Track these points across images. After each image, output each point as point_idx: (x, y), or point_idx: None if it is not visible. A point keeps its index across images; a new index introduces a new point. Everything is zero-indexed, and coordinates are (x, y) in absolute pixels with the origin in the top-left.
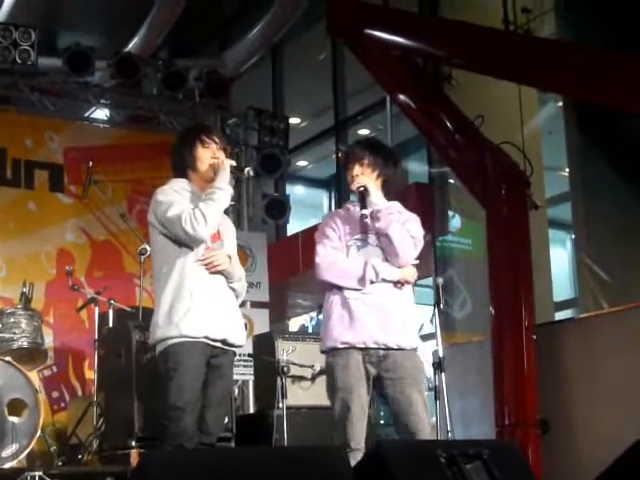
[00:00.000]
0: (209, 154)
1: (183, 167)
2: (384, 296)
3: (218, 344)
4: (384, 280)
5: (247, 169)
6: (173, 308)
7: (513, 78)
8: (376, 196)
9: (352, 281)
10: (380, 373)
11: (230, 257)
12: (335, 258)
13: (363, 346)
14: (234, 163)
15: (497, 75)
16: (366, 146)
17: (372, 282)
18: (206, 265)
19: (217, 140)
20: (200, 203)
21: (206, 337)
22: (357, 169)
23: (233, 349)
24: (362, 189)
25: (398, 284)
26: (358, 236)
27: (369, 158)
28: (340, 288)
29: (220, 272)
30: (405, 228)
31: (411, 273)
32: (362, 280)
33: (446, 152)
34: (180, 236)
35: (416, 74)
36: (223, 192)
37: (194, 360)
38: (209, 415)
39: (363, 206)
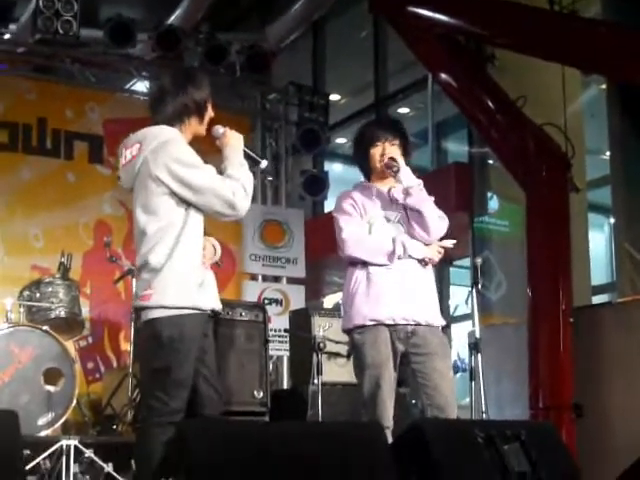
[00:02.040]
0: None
1: (187, 111)
2: (410, 272)
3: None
4: (410, 257)
5: (264, 161)
6: (188, 277)
7: (557, 59)
8: (406, 171)
9: (381, 257)
10: (408, 349)
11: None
12: (361, 234)
13: (391, 322)
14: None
15: (540, 56)
16: (397, 129)
17: (399, 258)
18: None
19: None
20: (241, 174)
21: (212, 310)
22: (389, 148)
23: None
24: (392, 160)
25: (423, 262)
26: (379, 213)
27: (399, 140)
28: (365, 264)
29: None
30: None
31: (435, 252)
32: (391, 255)
33: (487, 132)
34: (214, 207)
35: (458, 53)
36: (246, 167)
37: (196, 333)
38: (216, 382)
39: (393, 175)
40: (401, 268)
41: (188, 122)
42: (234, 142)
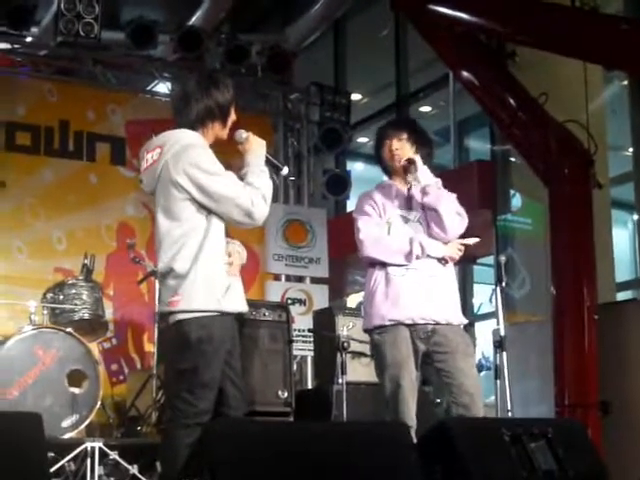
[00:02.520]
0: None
1: (210, 115)
2: (429, 272)
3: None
4: (429, 256)
5: (285, 168)
6: (215, 282)
7: (578, 56)
8: (423, 170)
9: (398, 257)
10: (430, 348)
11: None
12: (379, 234)
13: (411, 322)
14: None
15: (562, 52)
16: (404, 123)
17: (417, 258)
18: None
19: None
20: (262, 182)
21: (239, 312)
22: (396, 143)
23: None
24: (409, 161)
25: (442, 260)
26: (398, 212)
27: (407, 134)
28: (384, 265)
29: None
30: (452, 202)
31: (455, 250)
32: (409, 256)
33: (509, 130)
34: (232, 215)
35: (480, 51)
36: (267, 174)
37: (225, 335)
38: (241, 383)
39: (411, 178)
40: (420, 268)
41: (211, 126)
42: (256, 148)
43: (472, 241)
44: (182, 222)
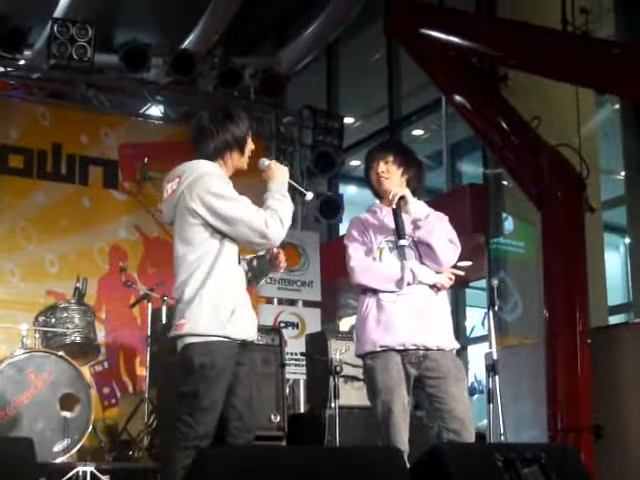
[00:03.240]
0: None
1: (227, 147)
2: (420, 298)
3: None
4: (420, 282)
5: (309, 194)
6: (219, 306)
7: (570, 79)
8: (414, 203)
9: (389, 284)
10: (421, 373)
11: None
12: (370, 261)
13: (402, 348)
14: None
15: (554, 76)
16: (389, 146)
17: (409, 284)
18: (278, 264)
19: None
20: (278, 206)
21: (244, 340)
22: (382, 166)
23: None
24: (398, 204)
25: (434, 287)
26: (389, 238)
27: (393, 156)
28: (375, 291)
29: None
30: (443, 232)
31: (447, 278)
32: (400, 282)
33: (502, 153)
34: (247, 238)
35: (472, 75)
36: (287, 199)
37: (228, 361)
38: (246, 413)
39: (398, 224)
40: (411, 294)
41: (230, 157)
42: (279, 175)
43: (460, 273)
44: (196, 247)
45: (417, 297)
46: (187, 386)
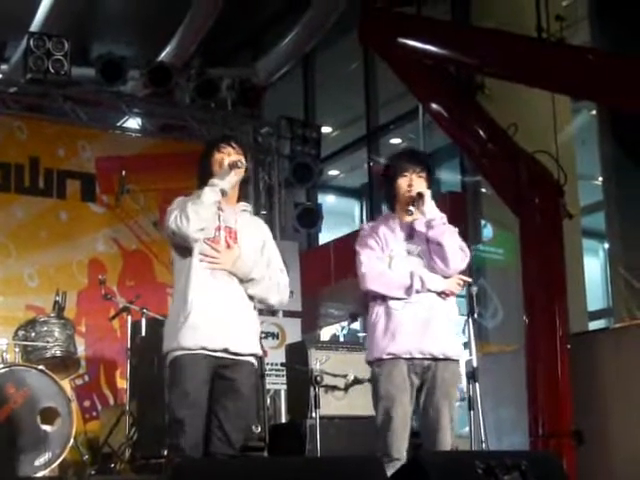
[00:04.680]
0: (225, 157)
1: (205, 175)
2: (428, 306)
3: (220, 354)
4: (429, 290)
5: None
6: (175, 318)
7: (546, 86)
8: (430, 205)
9: (399, 291)
10: (421, 382)
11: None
12: (381, 269)
13: (409, 356)
14: (242, 163)
15: (530, 83)
16: (424, 161)
17: (418, 292)
18: (207, 261)
19: (234, 145)
20: (188, 201)
21: (204, 348)
22: (416, 179)
23: (246, 358)
24: (419, 194)
25: (442, 294)
26: (400, 245)
27: (427, 172)
28: (384, 298)
29: (234, 274)
30: (455, 237)
31: (455, 284)
32: (409, 290)
33: (479, 161)
34: (170, 235)
35: (449, 83)
36: (210, 188)
37: (194, 373)
38: (227, 426)
39: (417, 209)
40: (420, 301)
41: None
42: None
43: (470, 279)
44: (173, 267)
45: (425, 305)
46: (165, 399)
